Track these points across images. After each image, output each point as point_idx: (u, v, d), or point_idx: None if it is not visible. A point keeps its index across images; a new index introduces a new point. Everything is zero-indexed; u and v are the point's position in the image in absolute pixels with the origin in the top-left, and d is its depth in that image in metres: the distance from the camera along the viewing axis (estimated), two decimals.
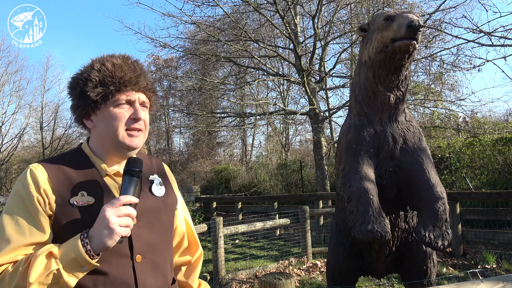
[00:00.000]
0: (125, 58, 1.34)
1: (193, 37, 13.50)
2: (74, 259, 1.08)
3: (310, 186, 14.15)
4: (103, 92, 1.26)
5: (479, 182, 8.99)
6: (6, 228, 1.14)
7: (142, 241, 1.27)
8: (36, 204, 1.17)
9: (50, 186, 1.20)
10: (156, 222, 1.33)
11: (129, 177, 1.22)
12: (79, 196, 1.21)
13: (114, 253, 1.19)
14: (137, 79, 1.31)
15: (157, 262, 1.30)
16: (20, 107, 21.76)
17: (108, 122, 1.27)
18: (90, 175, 1.27)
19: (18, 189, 1.20)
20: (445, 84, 11.62)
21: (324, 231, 8.88)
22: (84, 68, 1.32)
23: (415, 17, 2.44)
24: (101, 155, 1.32)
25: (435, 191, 2.48)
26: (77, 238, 1.12)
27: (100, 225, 1.11)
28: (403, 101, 2.75)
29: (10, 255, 1.11)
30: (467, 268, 5.87)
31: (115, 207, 1.13)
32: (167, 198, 1.41)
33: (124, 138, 1.27)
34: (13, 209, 1.17)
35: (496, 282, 1.79)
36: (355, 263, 3.01)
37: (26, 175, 1.21)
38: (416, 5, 10.40)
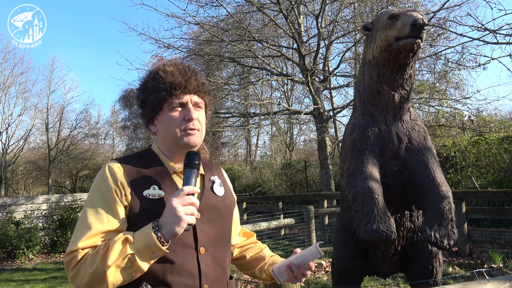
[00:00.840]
0: (176, 65, 1.45)
1: (197, 37, 13.52)
2: (146, 245, 1.18)
3: (314, 185, 14.13)
4: (157, 98, 1.38)
5: (485, 181, 8.93)
6: (87, 216, 1.27)
7: (205, 234, 1.37)
8: (114, 195, 1.29)
9: (126, 180, 1.33)
10: (217, 219, 1.43)
11: (190, 169, 1.32)
12: (151, 189, 1.34)
13: (181, 244, 1.30)
14: (186, 82, 1.40)
15: (217, 256, 1.40)
16: (26, 109, 21.89)
17: (166, 125, 1.40)
18: (159, 172, 1.39)
19: (97, 182, 1.34)
20: (450, 82, 11.56)
21: (329, 231, 8.87)
22: (143, 79, 1.47)
23: (419, 16, 2.43)
24: (168, 155, 1.45)
25: (441, 190, 2.46)
26: (149, 226, 1.22)
27: (168, 214, 1.20)
28: (408, 100, 2.73)
29: (91, 240, 1.23)
30: (473, 268, 5.83)
31: (180, 197, 1.22)
32: (226, 198, 1.51)
33: (182, 138, 1.38)
34: (93, 200, 1.31)
35: (503, 282, 1.77)
36: (360, 263, 3.00)
37: (105, 170, 1.35)
38: (420, 4, 10.35)
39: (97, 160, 26.15)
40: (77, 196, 11.32)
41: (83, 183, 24.34)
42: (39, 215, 10.61)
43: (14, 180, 23.01)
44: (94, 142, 26.79)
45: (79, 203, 10.86)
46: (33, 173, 24.07)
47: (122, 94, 26.76)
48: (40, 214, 10.61)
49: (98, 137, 28.01)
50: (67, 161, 22.43)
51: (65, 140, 22.34)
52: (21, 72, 21.50)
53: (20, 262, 9.31)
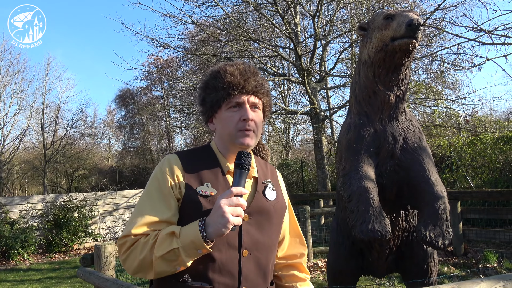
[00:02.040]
0: (237, 65, 1.47)
1: (193, 37, 13.50)
2: (192, 241, 1.21)
3: (311, 185, 14.15)
4: (216, 96, 1.41)
5: (480, 181, 8.98)
6: (143, 205, 1.33)
7: (250, 237, 1.37)
8: (168, 187, 1.34)
9: (181, 174, 1.37)
10: (265, 223, 1.43)
11: (240, 170, 1.32)
12: (204, 186, 1.36)
13: (226, 243, 1.31)
14: (245, 82, 1.42)
15: (260, 260, 1.39)
16: (22, 108, 21.71)
17: (223, 124, 1.42)
18: (214, 170, 1.42)
19: (156, 173, 1.38)
20: (445, 83, 11.60)
21: (325, 231, 8.88)
22: (205, 78, 1.50)
23: (415, 16, 2.44)
24: (224, 153, 1.47)
25: (436, 190, 2.47)
26: (196, 224, 1.25)
27: (215, 214, 1.22)
28: (403, 100, 2.74)
29: (143, 228, 1.28)
30: (468, 267, 5.86)
31: (228, 197, 1.24)
32: (277, 203, 1.49)
33: (237, 138, 1.39)
34: (150, 189, 1.36)
35: (497, 281, 1.78)
36: (355, 263, 3.01)
37: (164, 161, 1.40)
38: (416, 4, 10.39)
39: (93, 160, 26.02)
40: (72, 196, 11.27)
41: (79, 183, 24.21)
42: (34, 215, 10.55)
43: (9, 180, 22.86)
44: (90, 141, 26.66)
45: (74, 203, 10.82)
46: (28, 173, 23.93)
47: (118, 94, 26.71)
48: (36, 214, 10.56)
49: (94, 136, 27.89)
50: (63, 161, 22.30)
51: (61, 139, 22.22)
52: (17, 72, 21.35)
53: (15, 262, 9.26)
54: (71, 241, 10.33)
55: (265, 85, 1.49)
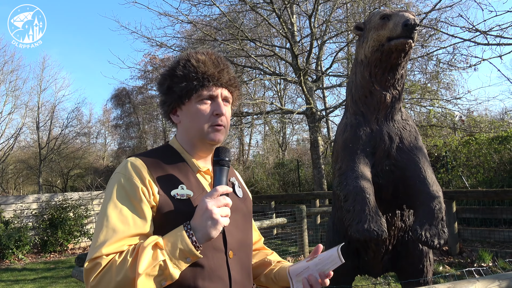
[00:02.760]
0: (209, 54, 1.37)
1: (189, 36, 13.46)
2: (180, 250, 1.10)
3: (307, 185, 14.17)
4: (186, 87, 1.29)
5: (475, 181, 9.02)
6: (111, 219, 1.15)
7: (233, 237, 1.30)
8: (140, 195, 1.19)
9: (151, 178, 1.23)
10: (241, 220, 1.37)
11: (220, 167, 1.25)
12: (179, 189, 1.25)
13: (211, 247, 1.22)
14: (219, 74, 1.33)
15: (243, 260, 1.34)
16: (16, 107, 21.60)
17: (192, 117, 1.31)
18: (183, 170, 1.31)
19: (120, 181, 1.21)
20: (441, 83, 11.65)
21: (321, 230, 8.90)
22: (171, 64, 1.37)
23: (411, 16, 2.44)
24: (190, 150, 1.36)
25: (431, 189, 2.48)
26: (181, 230, 1.14)
27: (203, 217, 1.13)
28: (399, 100, 2.75)
29: (117, 245, 1.12)
30: (464, 267, 5.89)
31: (214, 197, 1.15)
32: (245, 200, 1.45)
33: (208, 134, 1.30)
34: (116, 199, 1.18)
35: (492, 281, 1.79)
36: (351, 262, 3.01)
37: (127, 167, 1.24)
38: (412, 4, 10.42)
39: (89, 159, 25.92)
40: (68, 196, 11.22)
41: (74, 183, 24.11)
42: (29, 214, 10.49)
43: (3, 179, 22.73)
44: (86, 141, 26.60)
45: (69, 203, 10.77)
46: (23, 172, 23.81)
47: (114, 93, 26.59)
48: (30, 214, 10.50)
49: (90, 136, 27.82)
50: (58, 160, 22.21)
51: (56, 139, 22.13)
52: (12, 70, 21.22)
53: (9, 262, 9.21)
54: (66, 240, 10.29)
55: (236, 78, 1.41)
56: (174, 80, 1.32)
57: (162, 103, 1.38)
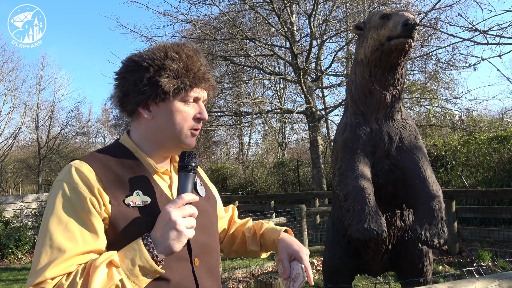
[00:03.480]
0: (195, 50, 1.24)
1: (189, 36, 13.45)
2: (140, 267, 0.98)
3: (306, 184, 14.17)
4: (177, 85, 1.16)
5: (475, 180, 9.03)
6: (55, 236, 0.99)
7: (198, 243, 1.19)
8: (89, 207, 1.04)
9: (100, 185, 1.07)
10: (206, 222, 1.26)
11: (186, 173, 1.14)
12: (135, 195, 1.10)
13: (174, 258, 1.10)
14: (207, 75, 1.23)
15: (211, 265, 1.24)
16: (16, 106, 21.63)
17: (172, 118, 1.17)
18: (138, 172, 1.16)
19: (63, 191, 1.05)
20: (440, 82, 11.66)
21: (320, 230, 8.89)
22: (155, 53, 1.18)
23: (410, 16, 2.44)
24: (149, 150, 1.21)
25: (431, 189, 2.48)
26: (140, 243, 1.01)
27: (165, 228, 1.01)
28: (399, 99, 2.75)
29: (63, 266, 0.97)
30: (463, 266, 5.89)
31: (179, 207, 1.04)
32: (209, 198, 1.35)
33: (186, 138, 1.20)
34: (60, 213, 1.02)
35: (492, 280, 1.79)
36: (351, 262, 3.02)
37: (71, 174, 1.07)
38: (411, 4, 10.42)
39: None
40: None
41: None
42: (29, 214, 10.50)
43: (3, 178, 22.73)
44: (85, 140, 26.59)
45: None
46: (22, 172, 23.82)
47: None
48: (30, 213, 10.51)
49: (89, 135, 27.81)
50: (58, 160, 22.21)
51: (55, 138, 22.14)
52: (11, 70, 21.24)
53: (8, 262, 9.20)
54: None
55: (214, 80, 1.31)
56: (161, 73, 1.15)
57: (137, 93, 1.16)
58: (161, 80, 1.14)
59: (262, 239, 1.42)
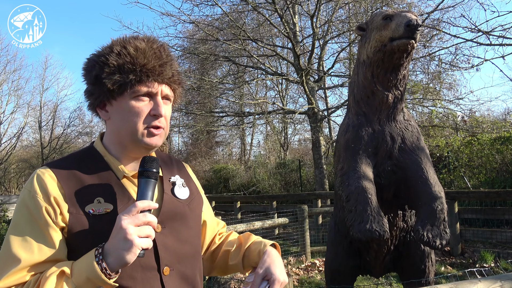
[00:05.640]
0: (150, 42, 1.16)
1: (191, 36, 13.48)
2: (88, 279, 0.94)
3: (308, 185, 14.16)
4: (121, 81, 1.09)
5: (477, 181, 9.00)
6: (11, 245, 0.99)
7: (168, 251, 1.13)
8: (45, 216, 1.01)
9: (61, 193, 1.04)
10: (182, 228, 1.19)
11: (145, 179, 1.07)
12: (95, 203, 1.06)
13: (139, 267, 1.06)
14: (161, 68, 1.14)
15: (186, 273, 1.16)
16: (19, 106, 21.75)
17: (125, 116, 1.11)
18: (105, 178, 1.11)
19: (24, 199, 1.04)
20: (443, 83, 11.64)
21: (322, 230, 8.89)
22: (102, 49, 1.14)
23: (413, 16, 2.44)
24: (117, 153, 1.17)
25: (433, 190, 2.48)
26: (91, 254, 0.98)
27: (116, 238, 0.96)
28: (402, 100, 2.75)
29: (17, 276, 0.96)
30: (465, 267, 5.88)
31: (132, 215, 0.98)
32: (192, 201, 1.26)
33: (143, 136, 1.12)
34: (18, 222, 1.02)
35: (494, 281, 1.79)
36: (353, 262, 3.02)
37: (33, 182, 1.05)
38: (414, 5, 10.41)
39: None
40: None
41: None
42: None
43: (6, 178, 22.82)
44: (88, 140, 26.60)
45: None
46: (25, 172, 23.90)
47: None
48: None
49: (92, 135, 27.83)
50: None
51: (58, 138, 22.22)
52: (14, 70, 21.36)
53: None
54: None
55: (180, 73, 1.23)
56: (104, 69, 1.10)
57: (88, 94, 1.15)
58: (104, 77, 1.09)
59: (248, 251, 1.32)
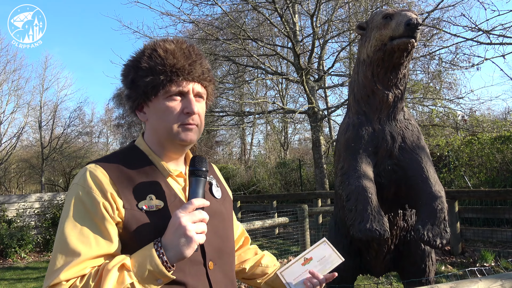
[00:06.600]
0: (179, 43, 1.21)
1: (191, 36, 13.46)
2: (149, 272, 0.99)
3: (309, 184, 14.16)
4: (153, 82, 1.14)
5: (478, 181, 9.00)
6: (70, 239, 1.02)
7: (212, 246, 1.19)
8: (102, 211, 1.05)
9: (114, 190, 1.08)
10: (220, 225, 1.25)
11: (197, 178, 1.13)
12: (148, 199, 1.11)
13: (188, 261, 1.10)
14: (191, 67, 1.17)
15: (226, 268, 1.24)
16: (19, 106, 21.69)
17: (160, 116, 1.16)
18: (152, 176, 1.16)
19: (78, 194, 1.07)
20: (443, 82, 11.62)
21: (323, 230, 8.89)
22: (136, 54, 1.21)
23: (413, 15, 2.44)
24: (158, 151, 1.22)
25: (434, 189, 2.48)
26: (151, 248, 1.02)
27: (175, 234, 1.01)
28: (402, 99, 2.75)
29: (78, 268, 1.00)
30: (466, 266, 5.88)
31: (189, 212, 1.04)
32: (225, 200, 1.33)
33: (178, 134, 1.16)
34: (75, 217, 1.05)
35: (494, 280, 1.79)
36: (354, 262, 3.01)
37: (86, 178, 1.09)
38: (414, 4, 10.39)
39: (91, 158, 25.95)
40: None
41: None
42: (32, 213, 10.54)
43: (6, 178, 22.80)
44: (88, 140, 26.61)
45: None
46: (26, 171, 23.89)
47: (116, 92, 26.64)
48: (33, 213, 10.55)
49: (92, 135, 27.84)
50: (61, 160, 22.26)
51: (58, 138, 22.17)
52: (14, 69, 21.29)
53: (12, 261, 9.24)
54: None
55: (211, 71, 1.26)
56: (138, 73, 1.16)
57: (127, 98, 1.22)
58: (138, 80, 1.16)
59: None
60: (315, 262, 1.29)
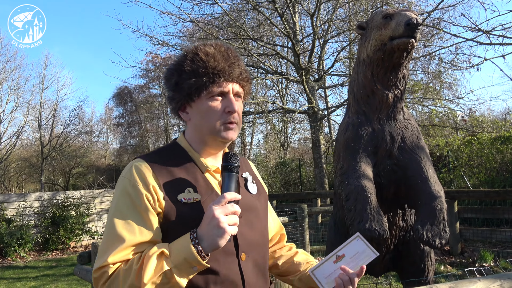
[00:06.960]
0: (218, 46, 1.30)
1: (191, 35, 13.46)
2: (185, 259, 1.07)
3: (308, 184, 14.16)
4: (196, 83, 1.23)
5: (477, 181, 9.00)
6: (116, 227, 1.14)
7: (245, 239, 1.26)
8: (145, 202, 1.16)
9: (156, 183, 1.19)
10: (255, 220, 1.32)
11: (229, 173, 1.20)
12: (186, 192, 1.21)
13: (222, 251, 1.17)
14: (230, 68, 1.26)
15: (258, 261, 1.30)
16: (19, 105, 21.66)
17: (204, 115, 1.26)
18: (191, 171, 1.26)
19: (125, 187, 1.19)
20: (443, 82, 11.62)
21: (322, 229, 8.90)
22: (178, 58, 1.31)
23: (413, 15, 2.44)
24: (198, 148, 1.31)
25: (433, 189, 2.48)
26: (187, 238, 1.10)
27: (209, 225, 1.09)
28: (401, 99, 2.75)
29: (123, 253, 1.12)
30: (465, 266, 5.88)
31: (222, 205, 1.11)
32: (260, 196, 1.40)
33: (220, 132, 1.25)
34: (121, 207, 1.17)
35: (493, 280, 1.79)
36: None
37: (132, 171, 1.20)
38: (414, 4, 10.38)
39: (91, 157, 25.99)
40: (69, 194, 11.26)
41: (76, 181, 24.17)
42: (31, 212, 10.53)
43: (6, 177, 22.78)
44: (88, 139, 26.56)
45: (71, 201, 10.81)
46: (25, 170, 23.86)
47: (116, 92, 26.61)
48: (32, 212, 10.54)
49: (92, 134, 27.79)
50: (60, 159, 22.26)
51: (58, 137, 22.15)
52: (14, 68, 21.26)
53: (11, 260, 9.24)
54: (68, 238, 10.32)
55: (248, 72, 1.35)
56: (182, 76, 1.26)
57: (170, 100, 1.32)
58: (182, 83, 1.25)
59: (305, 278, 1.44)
60: (348, 259, 1.28)
